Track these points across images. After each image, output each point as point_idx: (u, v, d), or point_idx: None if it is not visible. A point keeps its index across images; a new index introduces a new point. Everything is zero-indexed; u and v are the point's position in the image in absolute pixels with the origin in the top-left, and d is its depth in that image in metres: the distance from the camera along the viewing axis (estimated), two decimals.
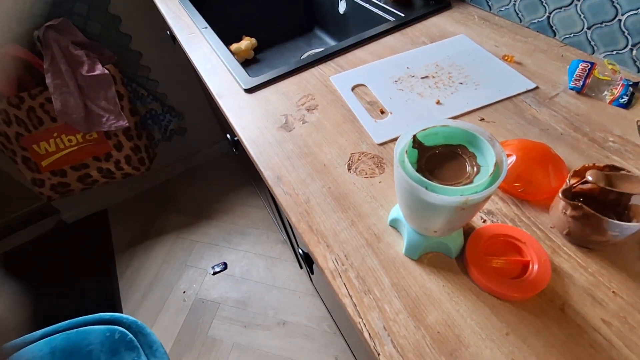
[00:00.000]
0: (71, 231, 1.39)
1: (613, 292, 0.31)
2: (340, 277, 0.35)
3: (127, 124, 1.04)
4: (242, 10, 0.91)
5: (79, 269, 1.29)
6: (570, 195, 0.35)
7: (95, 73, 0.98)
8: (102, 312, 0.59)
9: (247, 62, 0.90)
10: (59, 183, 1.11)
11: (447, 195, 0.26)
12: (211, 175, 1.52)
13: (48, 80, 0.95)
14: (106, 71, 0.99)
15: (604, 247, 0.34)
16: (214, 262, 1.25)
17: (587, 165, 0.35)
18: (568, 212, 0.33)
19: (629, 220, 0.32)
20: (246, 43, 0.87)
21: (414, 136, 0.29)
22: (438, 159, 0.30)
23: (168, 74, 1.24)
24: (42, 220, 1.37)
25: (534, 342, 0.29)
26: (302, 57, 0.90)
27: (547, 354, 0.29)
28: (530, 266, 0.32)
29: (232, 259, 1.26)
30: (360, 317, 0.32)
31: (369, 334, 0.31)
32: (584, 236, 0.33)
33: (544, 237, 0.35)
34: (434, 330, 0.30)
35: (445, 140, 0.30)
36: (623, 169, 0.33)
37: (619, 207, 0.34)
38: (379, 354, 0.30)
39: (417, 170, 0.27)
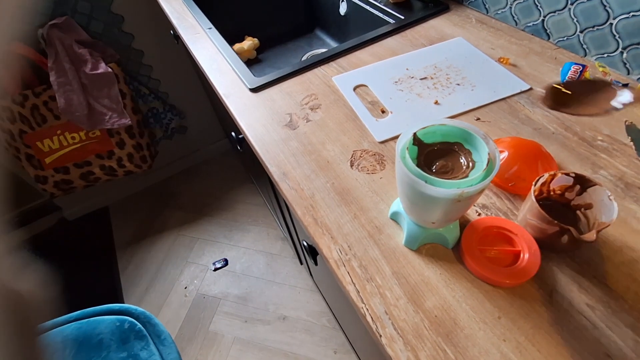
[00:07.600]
0: (73, 228, 1.41)
1: (597, 280, 0.34)
2: (344, 266, 0.37)
3: (130, 122, 1.05)
4: (244, 11, 0.92)
5: (80, 265, 1.30)
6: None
7: (98, 71, 0.99)
8: None
9: (250, 62, 0.92)
10: (62, 180, 1.13)
11: (444, 188, 0.28)
12: (212, 173, 1.54)
13: (52, 78, 0.96)
14: (109, 69, 1.00)
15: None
16: (215, 258, 1.27)
17: (553, 173, 0.36)
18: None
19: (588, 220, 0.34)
20: (249, 43, 0.89)
21: (414, 134, 0.32)
22: (436, 155, 0.32)
23: (170, 73, 1.25)
24: (45, 217, 1.38)
25: (523, 325, 0.32)
26: (303, 58, 0.92)
27: (536, 334, 0.31)
28: (521, 255, 0.35)
29: (232, 255, 1.27)
30: (363, 303, 0.34)
31: (372, 317, 0.33)
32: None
33: None
34: (432, 314, 0.33)
35: (443, 138, 0.32)
36: (591, 180, 0.34)
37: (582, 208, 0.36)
38: (380, 336, 0.32)
39: (417, 165, 0.30)
